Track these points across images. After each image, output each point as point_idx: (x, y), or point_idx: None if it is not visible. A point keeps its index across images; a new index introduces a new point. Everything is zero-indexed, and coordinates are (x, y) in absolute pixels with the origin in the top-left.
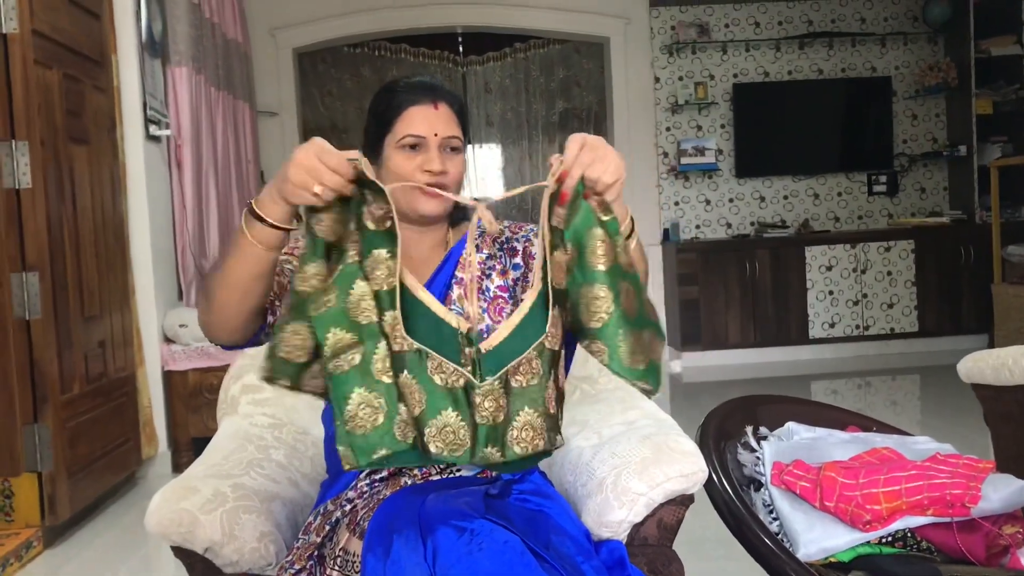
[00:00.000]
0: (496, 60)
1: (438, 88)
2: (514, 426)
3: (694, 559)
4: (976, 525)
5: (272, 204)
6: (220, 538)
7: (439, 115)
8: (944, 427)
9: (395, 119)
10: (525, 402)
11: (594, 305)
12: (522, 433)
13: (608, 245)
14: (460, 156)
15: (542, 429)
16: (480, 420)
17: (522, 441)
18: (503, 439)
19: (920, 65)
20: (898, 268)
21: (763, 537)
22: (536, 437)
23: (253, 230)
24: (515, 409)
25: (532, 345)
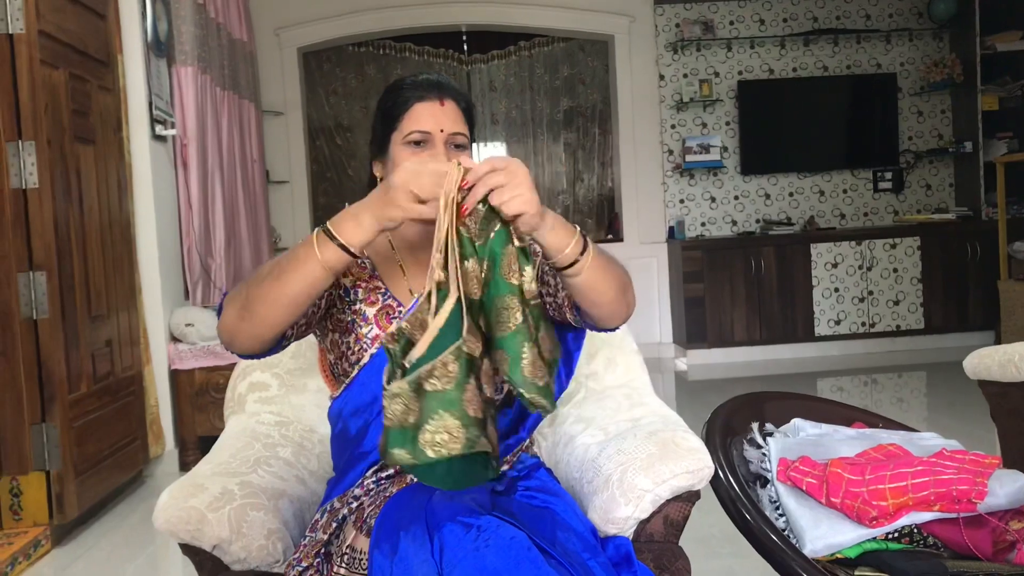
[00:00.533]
0: (500, 58)
1: (444, 85)
2: (426, 429)
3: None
4: (982, 521)
5: (355, 228)
6: (228, 535)
7: (445, 111)
8: (950, 424)
9: (401, 115)
10: (440, 405)
11: (503, 315)
12: (435, 436)
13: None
14: (466, 153)
15: (459, 433)
16: (387, 423)
17: (435, 445)
18: (413, 442)
19: (925, 61)
20: (904, 265)
21: (769, 533)
22: (452, 440)
23: (325, 250)
24: (428, 413)
25: (448, 349)
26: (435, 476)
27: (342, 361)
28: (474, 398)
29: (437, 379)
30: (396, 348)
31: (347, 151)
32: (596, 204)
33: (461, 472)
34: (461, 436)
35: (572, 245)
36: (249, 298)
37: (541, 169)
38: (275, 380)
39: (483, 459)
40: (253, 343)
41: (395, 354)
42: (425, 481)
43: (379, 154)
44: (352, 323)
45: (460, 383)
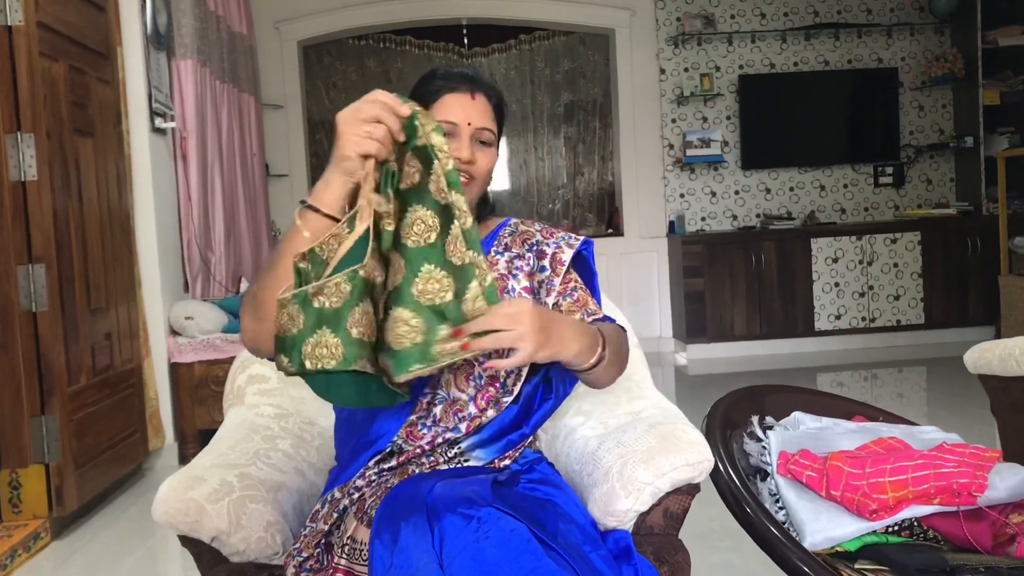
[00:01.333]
0: (501, 52)
1: (477, 79)
2: (308, 341)
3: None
4: (983, 514)
5: (325, 188)
6: (227, 527)
7: (475, 105)
8: (950, 418)
9: (432, 104)
10: (322, 321)
11: (400, 328)
12: (315, 350)
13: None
14: (491, 149)
15: (337, 350)
16: (274, 331)
17: (313, 357)
18: (294, 351)
19: (926, 56)
20: (904, 260)
21: (769, 526)
22: (329, 356)
23: (308, 221)
24: (310, 327)
25: (343, 271)
26: (323, 388)
27: None
28: (364, 320)
29: (325, 297)
30: (307, 267)
31: None
32: (596, 198)
33: (351, 390)
34: (338, 353)
35: (594, 358)
36: (258, 298)
37: (541, 163)
38: (274, 372)
39: (378, 383)
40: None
41: (305, 272)
42: (316, 391)
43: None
44: None
45: (349, 304)
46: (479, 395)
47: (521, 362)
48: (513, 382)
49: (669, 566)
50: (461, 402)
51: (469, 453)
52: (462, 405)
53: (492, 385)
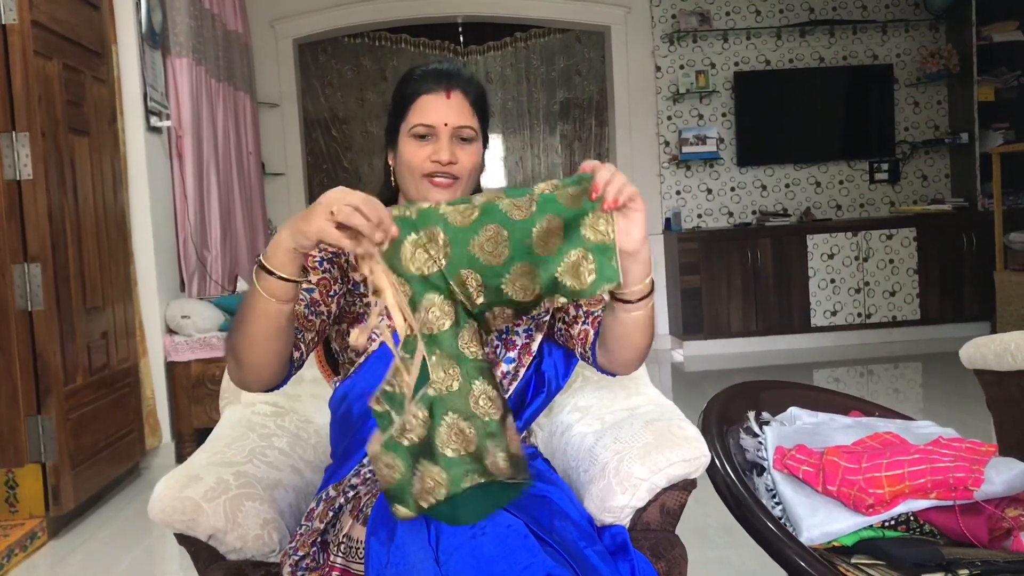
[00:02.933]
0: (497, 50)
1: (453, 75)
2: (414, 481)
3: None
4: (979, 508)
5: (276, 251)
6: (223, 525)
7: (451, 104)
8: (946, 413)
9: (408, 107)
10: (419, 455)
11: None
12: (423, 485)
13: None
14: (474, 145)
15: (441, 477)
16: (381, 484)
17: (424, 494)
18: (407, 496)
19: (922, 52)
20: (900, 256)
21: (766, 522)
22: (438, 486)
23: (265, 284)
24: (409, 466)
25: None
26: (460, 514)
27: (348, 351)
28: (455, 436)
29: (411, 431)
30: (384, 410)
31: (343, 143)
32: None
33: (478, 503)
34: (444, 480)
35: (648, 280)
36: (233, 348)
37: (537, 160)
38: None
39: (498, 484)
40: (262, 383)
41: (384, 415)
42: (452, 523)
43: (391, 144)
44: (362, 315)
45: (433, 427)
46: None
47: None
48: (509, 381)
49: (666, 562)
50: None
51: None
52: None
53: None
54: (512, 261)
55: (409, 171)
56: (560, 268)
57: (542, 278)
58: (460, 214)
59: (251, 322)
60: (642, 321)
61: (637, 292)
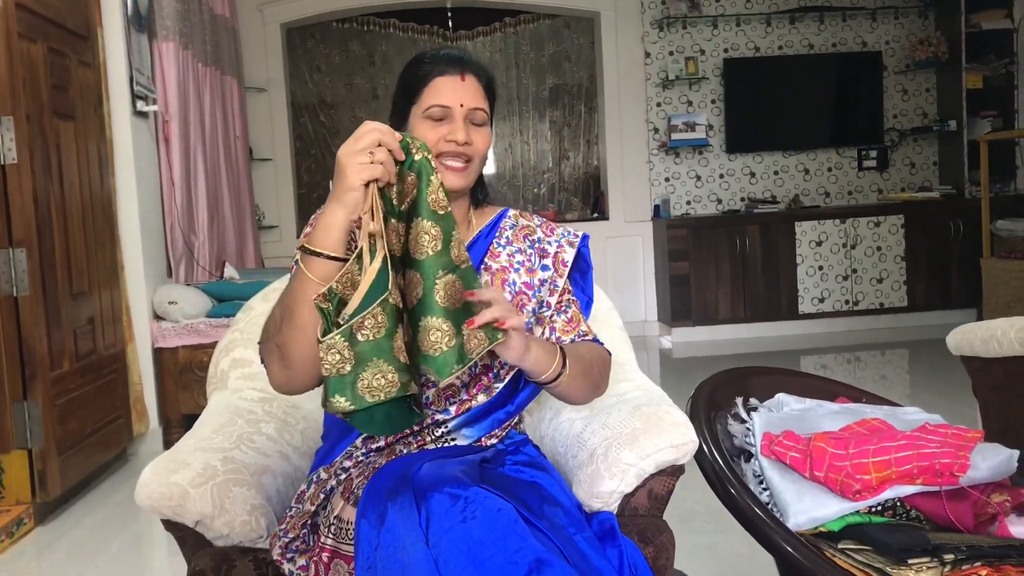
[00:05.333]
0: (486, 35)
1: (466, 60)
2: (363, 376)
3: (685, 533)
4: (965, 494)
5: (327, 231)
6: (211, 511)
7: (466, 86)
8: (933, 400)
9: (422, 89)
10: (374, 353)
11: (433, 335)
12: (373, 381)
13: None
14: (485, 129)
15: (394, 377)
16: (325, 373)
17: (373, 389)
18: (351, 388)
19: (910, 39)
20: (888, 243)
21: (753, 507)
22: (389, 385)
23: (315, 267)
24: (363, 361)
25: (376, 301)
26: (373, 423)
27: None
28: (402, 346)
29: (369, 330)
30: (329, 307)
31: (331, 128)
32: (582, 182)
33: (397, 417)
34: (396, 380)
35: (551, 371)
36: (281, 348)
37: (527, 147)
38: (258, 356)
39: (407, 404)
40: (310, 380)
41: (328, 312)
42: (363, 429)
43: (399, 127)
44: None
45: (390, 332)
46: (472, 383)
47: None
48: (507, 371)
49: (654, 547)
50: (454, 388)
51: (456, 432)
52: (454, 391)
53: (486, 375)
54: (416, 267)
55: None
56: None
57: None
58: (435, 202)
59: (302, 314)
60: (567, 390)
61: (547, 379)
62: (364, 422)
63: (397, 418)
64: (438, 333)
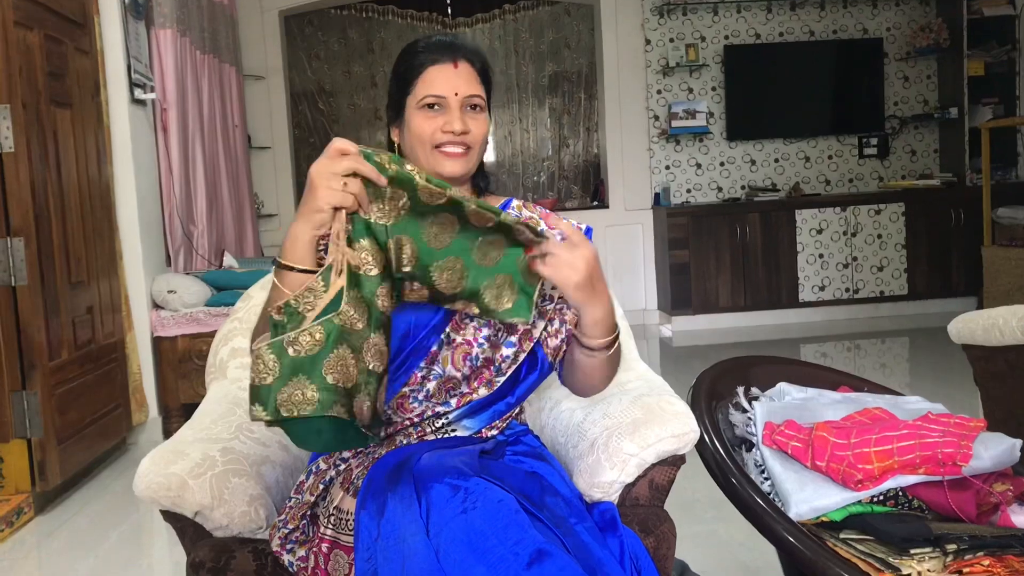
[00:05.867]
0: (485, 22)
1: (458, 46)
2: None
3: (686, 521)
4: (967, 483)
5: (293, 246)
6: (210, 502)
7: (459, 74)
8: (933, 388)
9: (415, 79)
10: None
11: (449, 274)
12: (290, 396)
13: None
14: (483, 115)
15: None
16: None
17: (288, 404)
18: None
19: (912, 26)
20: (888, 231)
21: (755, 497)
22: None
23: (288, 281)
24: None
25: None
26: (302, 436)
27: None
28: (339, 367)
29: (301, 345)
30: (282, 319)
31: (330, 116)
32: (582, 170)
33: (330, 435)
34: (314, 399)
35: (607, 340)
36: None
37: (526, 135)
38: None
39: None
40: None
41: (280, 324)
42: (294, 440)
43: (396, 119)
44: None
45: (325, 351)
46: (473, 376)
47: (559, 284)
48: (508, 365)
49: (654, 537)
50: (455, 380)
51: (457, 423)
52: (455, 383)
53: (487, 368)
54: (449, 253)
55: (420, 143)
56: (485, 283)
57: (467, 282)
58: (430, 193)
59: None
60: (599, 366)
61: (597, 344)
62: (303, 437)
63: (332, 436)
64: (498, 288)
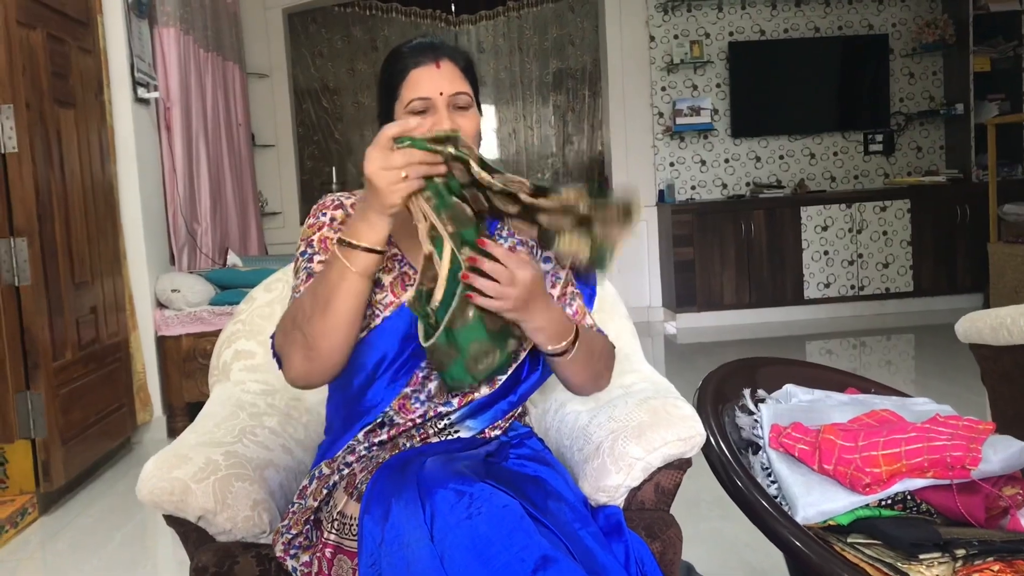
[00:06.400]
0: (489, 19)
1: (439, 46)
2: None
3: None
4: (976, 487)
5: (369, 229)
6: (213, 506)
7: (442, 73)
8: (939, 386)
9: (400, 84)
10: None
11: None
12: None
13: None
14: (472, 111)
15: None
16: (438, 370)
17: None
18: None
19: (917, 22)
20: (894, 228)
21: (761, 500)
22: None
23: (355, 260)
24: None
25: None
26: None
27: None
28: (488, 319)
29: (461, 322)
30: (419, 305)
31: (334, 114)
32: (586, 167)
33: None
34: (496, 350)
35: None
36: (308, 338)
37: (530, 131)
38: (261, 348)
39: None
40: (331, 372)
41: (421, 311)
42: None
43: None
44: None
45: (477, 316)
46: None
47: (488, 306)
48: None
49: (660, 542)
50: None
51: (460, 424)
52: None
53: None
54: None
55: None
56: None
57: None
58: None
59: (337, 305)
60: (569, 368)
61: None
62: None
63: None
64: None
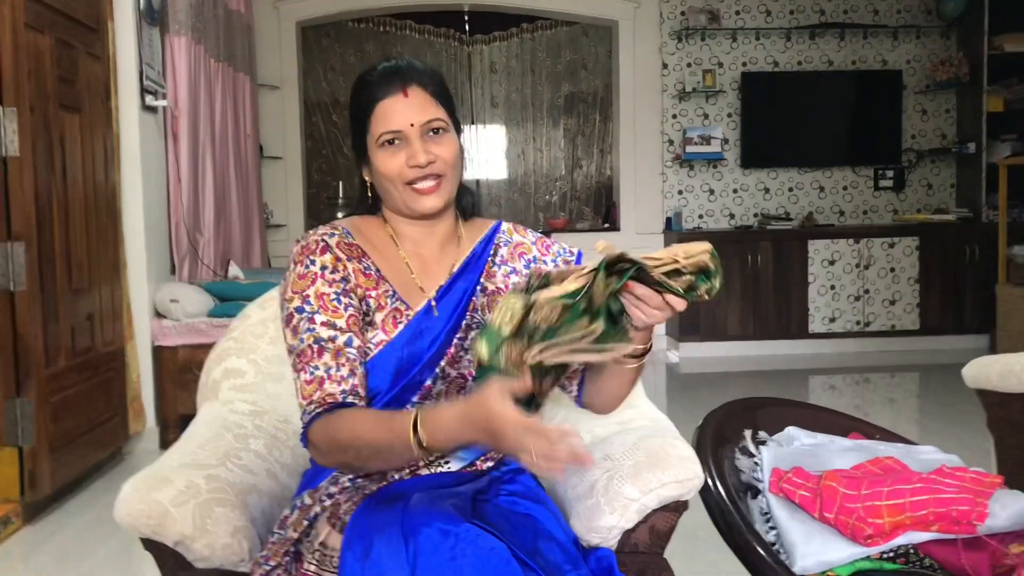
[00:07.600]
0: (502, 40)
1: (405, 70)
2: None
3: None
4: (982, 543)
5: (455, 441)
6: (191, 532)
7: (410, 103)
8: (942, 428)
9: (368, 118)
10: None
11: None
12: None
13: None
14: (448, 135)
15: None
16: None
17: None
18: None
19: (932, 59)
20: (901, 265)
21: (758, 548)
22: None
23: (422, 452)
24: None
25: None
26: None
27: None
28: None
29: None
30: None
31: (343, 129)
32: (594, 192)
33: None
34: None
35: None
36: (360, 463)
37: (539, 154)
38: (251, 367)
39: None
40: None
41: (531, 285)
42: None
43: (362, 159)
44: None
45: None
46: None
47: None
48: None
49: None
50: None
51: (450, 454)
52: None
53: None
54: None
55: (390, 182)
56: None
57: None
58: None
59: (393, 460)
60: (633, 375)
61: (645, 346)
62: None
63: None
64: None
